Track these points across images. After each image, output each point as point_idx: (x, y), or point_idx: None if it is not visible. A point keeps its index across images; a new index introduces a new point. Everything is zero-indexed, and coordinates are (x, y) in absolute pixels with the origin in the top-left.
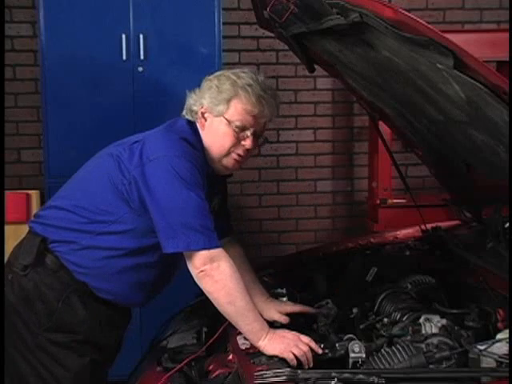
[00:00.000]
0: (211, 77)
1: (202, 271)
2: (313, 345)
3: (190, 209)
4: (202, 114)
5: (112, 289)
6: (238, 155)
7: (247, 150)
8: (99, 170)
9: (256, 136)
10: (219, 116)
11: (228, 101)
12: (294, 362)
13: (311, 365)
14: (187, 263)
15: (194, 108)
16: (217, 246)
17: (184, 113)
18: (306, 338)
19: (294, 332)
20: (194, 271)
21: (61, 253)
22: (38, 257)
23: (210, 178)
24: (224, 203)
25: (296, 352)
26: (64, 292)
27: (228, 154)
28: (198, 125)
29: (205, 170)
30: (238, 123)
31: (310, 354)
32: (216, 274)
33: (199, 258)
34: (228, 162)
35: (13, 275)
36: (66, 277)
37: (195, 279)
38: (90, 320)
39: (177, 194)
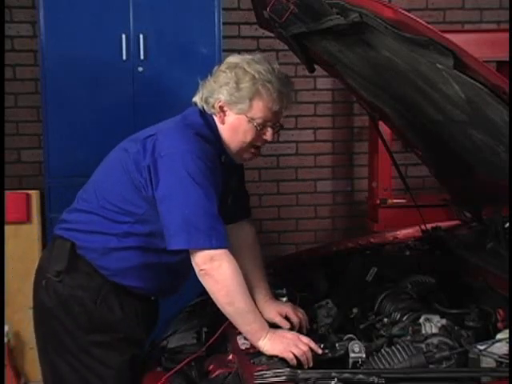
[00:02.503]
0: (225, 68)
1: (202, 270)
2: (312, 345)
3: (196, 207)
4: (221, 108)
5: (142, 284)
6: (258, 148)
7: (265, 141)
8: (118, 168)
9: (274, 127)
10: (241, 114)
11: (250, 99)
12: (294, 362)
13: (311, 364)
14: (191, 259)
15: (210, 100)
16: (220, 247)
17: (197, 101)
18: (305, 338)
19: (293, 332)
20: (195, 268)
21: (91, 259)
22: (70, 262)
23: (226, 164)
24: (241, 184)
25: (296, 352)
26: (100, 292)
27: (248, 148)
28: (215, 118)
29: (218, 164)
30: (259, 120)
31: (309, 354)
32: (216, 274)
33: (200, 256)
34: (247, 155)
35: (47, 280)
36: (99, 278)
37: (198, 276)
38: (128, 317)
39: (183, 192)
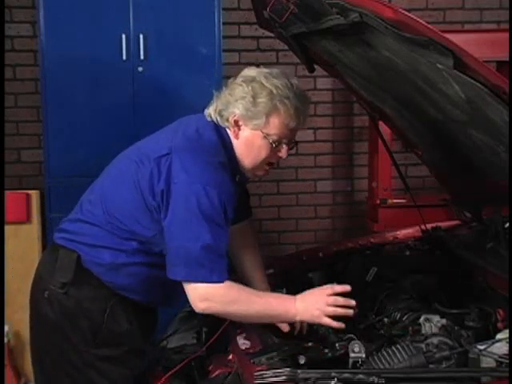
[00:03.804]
0: (241, 81)
1: (198, 310)
2: (337, 288)
3: (200, 242)
4: (236, 122)
5: (147, 297)
6: (271, 164)
7: (279, 157)
8: (129, 185)
9: (289, 144)
10: (256, 130)
11: (266, 115)
12: (335, 324)
13: (352, 310)
14: (187, 295)
15: (225, 114)
16: (219, 281)
17: (211, 113)
18: (327, 290)
19: (313, 291)
20: (193, 307)
21: (97, 273)
22: (76, 274)
23: (240, 182)
24: (244, 185)
25: (329, 312)
26: (107, 305)
27: (262, 165)
28: (229, 131)
29: (233, 188)
30: (275, 137)
31: (340, 301)
32: (215, 311)
33: (195, 294)
34: (260, 171)
35: (49, 292)
36: (106, 290)
37: None
38: (133, 328)
39: (191, 223)
